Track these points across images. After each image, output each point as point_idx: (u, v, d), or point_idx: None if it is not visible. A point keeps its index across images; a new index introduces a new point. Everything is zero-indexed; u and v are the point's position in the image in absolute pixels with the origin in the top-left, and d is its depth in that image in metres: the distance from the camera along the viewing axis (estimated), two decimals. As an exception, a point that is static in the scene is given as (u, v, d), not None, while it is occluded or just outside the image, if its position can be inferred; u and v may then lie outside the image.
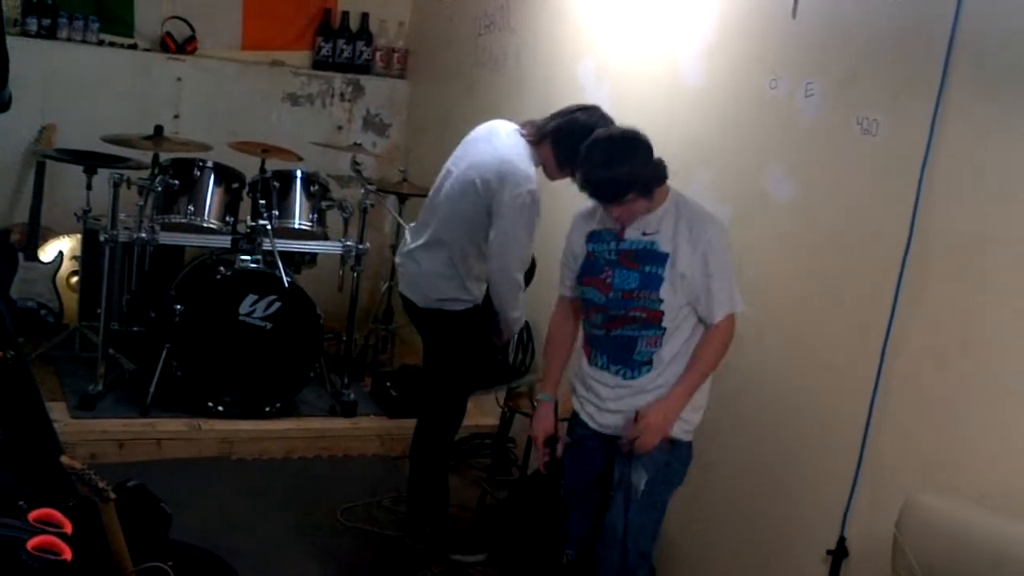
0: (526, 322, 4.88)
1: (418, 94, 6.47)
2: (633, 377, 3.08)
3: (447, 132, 5.81)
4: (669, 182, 3.08)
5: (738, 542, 3.29)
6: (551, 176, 3.75)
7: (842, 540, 3.18)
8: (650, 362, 3.06)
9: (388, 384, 5.18)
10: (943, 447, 2.89)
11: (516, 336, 4.91)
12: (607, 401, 3.14)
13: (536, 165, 3.69)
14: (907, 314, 3.01)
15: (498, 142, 3.73)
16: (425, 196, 5.25)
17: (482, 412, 5.14)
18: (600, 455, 3.18)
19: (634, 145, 3.02)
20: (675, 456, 3.11)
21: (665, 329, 3.03)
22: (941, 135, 2.93)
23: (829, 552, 3.21)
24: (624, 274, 3.05)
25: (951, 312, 2.90)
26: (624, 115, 4.31)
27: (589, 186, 3.02)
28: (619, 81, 4.39)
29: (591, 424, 3.19)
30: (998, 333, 2.76)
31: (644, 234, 3.06)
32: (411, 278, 3.90)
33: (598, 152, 3.02)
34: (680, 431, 3.09)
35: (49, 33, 5.68)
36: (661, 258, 3.02)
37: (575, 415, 3.29)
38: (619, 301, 3.06)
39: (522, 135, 3.72)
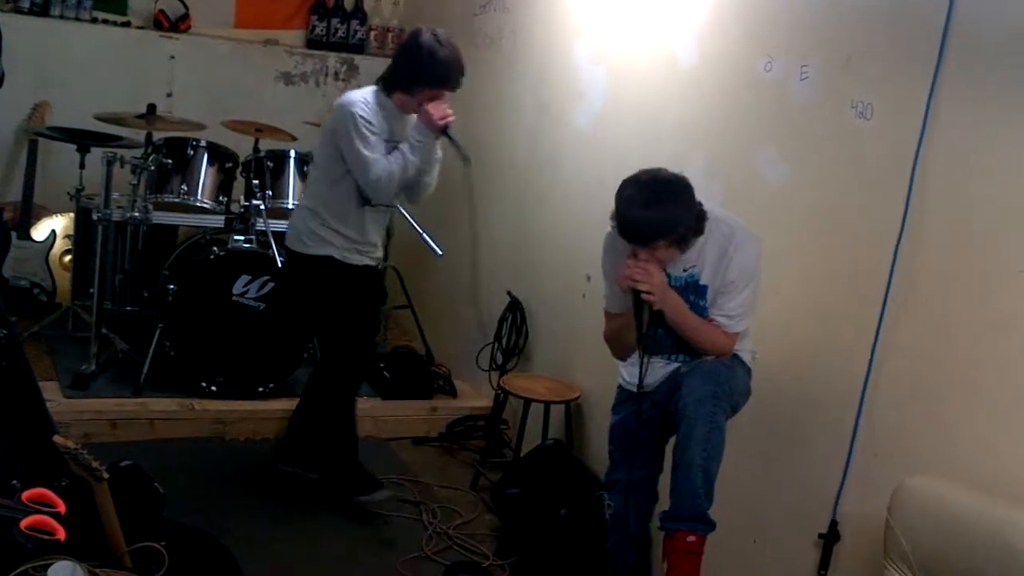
0: (519, 303, 4.90)
1: (413, 74, 6.44)
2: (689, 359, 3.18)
3: (441, 113, 5.80)
4: (664, 164, 3.08)
5: (730, 526, 3.30)
6: (411, 109, 3.86)
7: (834, 524, 3.20)
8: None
9: (381, 365, 5.18)
10: (934, 431, 2.89)
11: (510, 317, 4.93)
12: (652, 371, 3.19)
13: (402, 113, 3.87)
14: (900, 298, 3.02)
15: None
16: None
17: (476, 394, 5.15)
18: (643, 404, 3.22)
19: (678, 189, 2.97)
20: (735, 369, 3.14)
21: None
22: (936, 119, 2.92)
23: (821, 536, 3.22)
24: None
25: (944, 296, 2.90)
26: (620, 96, 4.33)
27: (622, 225, 2.98)
28: (615, 62, 4.38)
29: (634, 388, 3.22)
30: (991, 318, 2.76)
31: (685, 270, 3.11)
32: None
33: (638, 191, 2.95)
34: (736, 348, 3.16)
35: (42, 10, 5.65)
36: (703, 291, 3.10)
37: (619, 385, 3.36)
38: (668, 337, 3.16)
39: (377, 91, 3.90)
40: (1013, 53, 2.72)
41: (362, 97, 3.80)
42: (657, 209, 2.92)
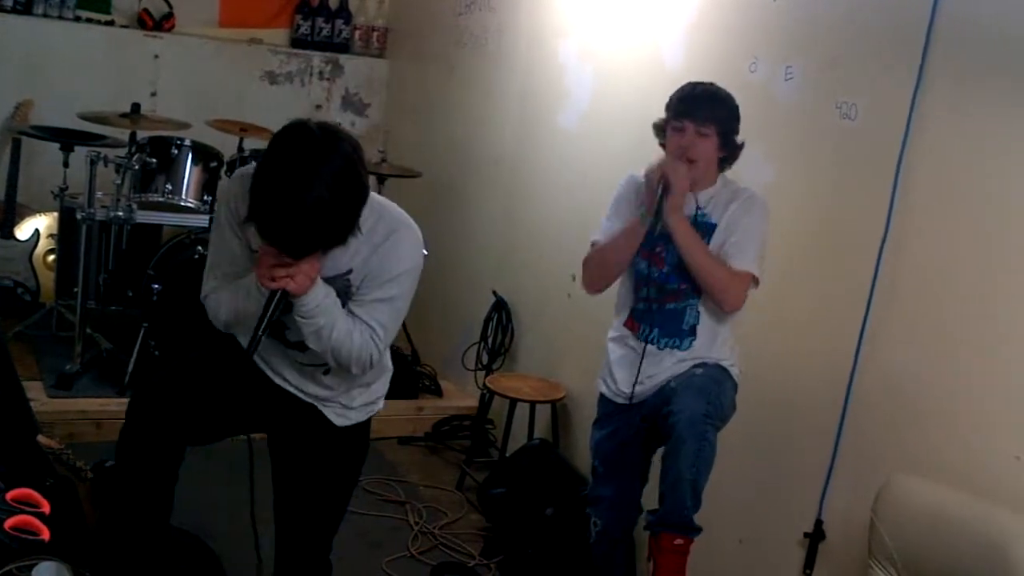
0: (505, 303, 4.90)
1: (398, 73, 6.44)
2: (680, 348, 3.12)
3: (427, 112, 5.80)
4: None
5: (716, 525, 3.31)
6: None
7: (819, 523, 3.21)
8: (693, 331, 3.12)
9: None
10: (919, 431, 2.91)
11: (495, 317, 4.93)
12: (645, 371, 3.15)
13: None
14: (885, 298, 3.03)
15: None
16: (405, 177, 5.27)
17: (462, 394, 5.15)
18: (632, 419, 3.21)
19: (734, 101, 3.09)
20: (724, 385, 3.12)
21: (701, 295, 3.08)
22: (920, 120, 2.94)
23: (806, 535, 3.24)
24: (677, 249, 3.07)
25: (928, 296, 2.92)
26: (607, 96, 4.33)
27: (685, 93, 3.07)
28: (601, 62, 4.38)
29: (621, 399, 3.22)
30: (975, 318, 2.78)
31: (697, 208, 3.09)
32: None
33: (700, 82, 3.12)
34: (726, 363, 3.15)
35: (25, 9, 5.62)
36: (710, 228, 3.07)
37: (601, 397, 3.32)
38: (674, 275, 3.10)
39: None
40: (996, 53, 2.74)
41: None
42: (721, 91, 3.08)
